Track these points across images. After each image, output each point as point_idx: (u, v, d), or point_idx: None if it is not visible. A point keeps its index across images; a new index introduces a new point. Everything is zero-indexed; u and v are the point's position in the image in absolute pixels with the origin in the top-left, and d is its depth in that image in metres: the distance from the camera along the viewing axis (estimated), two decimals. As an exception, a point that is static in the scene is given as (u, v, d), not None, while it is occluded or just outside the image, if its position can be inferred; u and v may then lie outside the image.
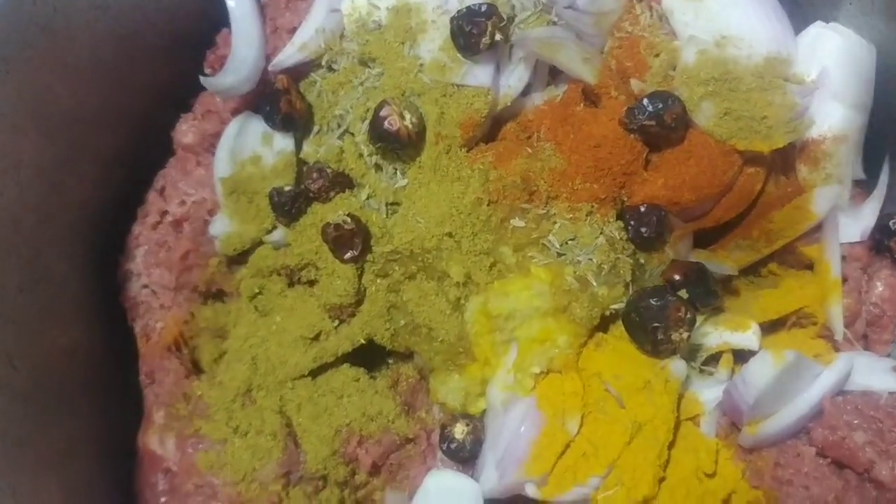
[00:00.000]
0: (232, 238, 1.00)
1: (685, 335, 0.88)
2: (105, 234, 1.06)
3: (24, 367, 0.91)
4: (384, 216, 0.96)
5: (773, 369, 0.88)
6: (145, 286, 1.04)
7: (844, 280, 1.01)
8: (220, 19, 1.05)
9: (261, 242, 1.01)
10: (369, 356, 0.99)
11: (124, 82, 1.05)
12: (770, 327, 1.01)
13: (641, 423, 0.87)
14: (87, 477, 0.97)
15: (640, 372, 0.88)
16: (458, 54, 0.95)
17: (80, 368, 1.00)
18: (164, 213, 1.04)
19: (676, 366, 0.90)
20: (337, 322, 0.97)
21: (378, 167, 0.98)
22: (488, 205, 0.92)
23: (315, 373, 0.96)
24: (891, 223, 1.01)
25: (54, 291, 0.99)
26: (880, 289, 1.03)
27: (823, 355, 0.98)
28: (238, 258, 1.02)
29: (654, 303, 0.87)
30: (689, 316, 0.88)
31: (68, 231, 1.01)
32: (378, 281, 0.96)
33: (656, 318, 0.87)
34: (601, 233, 0.92)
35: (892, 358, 1.02)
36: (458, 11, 0.93)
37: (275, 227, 1.00)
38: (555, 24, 0.99)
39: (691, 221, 0.98)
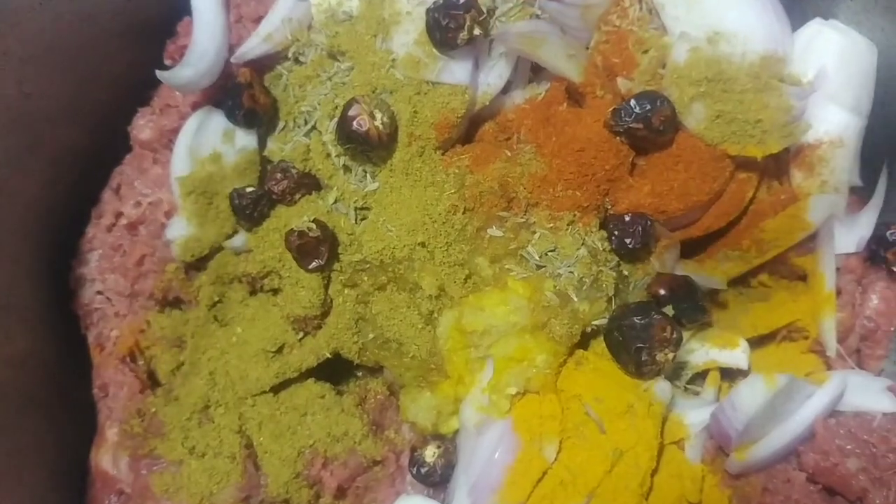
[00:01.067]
0: (190, 243, 0.94)
1: (670, 356, 0.83)
2: (57, 236, 1.00)
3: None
4: (353, 222, 0.91)
5: (764, 394, 0.83)
6: (99, 292, 0.98)
7: (838, 293, 0.97)
8: (182, 6, 0.98)
9: (221, 248, 0.95)
10: (336, 370, 0.94)
11: (77, 72, 0.98)
12: (759, 341, 0.97)
13: (623, 450, 0.82)
14: (36, 496, 0.91)
15: (622, 394, 0.84)
16: (434, 49, 0.88)
17: (29, 380, 0.94)
18: (119, 214, 0.98)
19: (661, 387, 0.85)
20: (301, 334, 0.92)
21: (347, 169, 0.92)
22: (464, 212, 0.87)
23: (277, 388, 0.91)
24: (888, 233, 0.96)
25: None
26: (875, 302, 0.99)
27: (815, 373, 0.94)
28: (197, 264, 0.96)
29: (637, 321, 0.82)
30: (675, 335, 0.83)
31: (14, 233, 0.94)
32: (346, 291, 0.90)
33: (640, 338, 0.82)
34: (583, 243, 0.87)
35: (886, 375, 0.98)
36: (435, 3, 0.86)
37: (236, 232, 0.95)
38: (538, 17, 0.93)
39: (679, 231, 0.93)
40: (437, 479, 0.88)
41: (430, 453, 0.87)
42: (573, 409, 0.84)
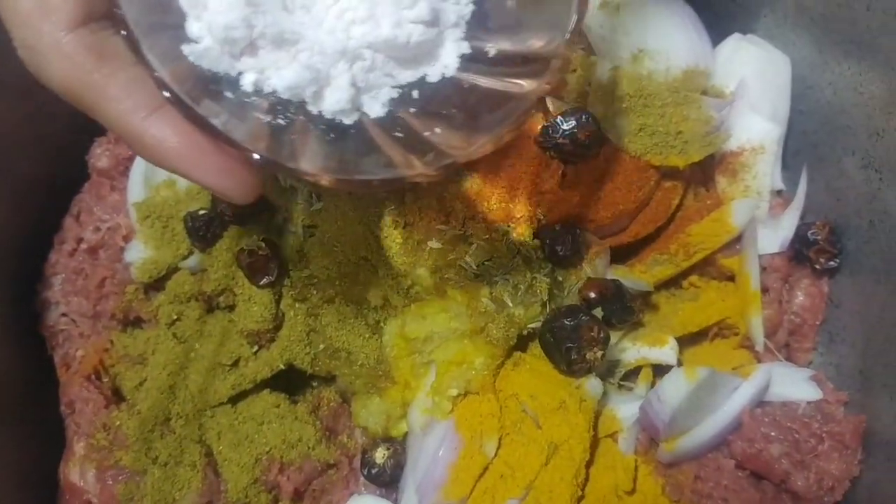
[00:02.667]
0: (147, 264, 0.99)
1: (599, 354, 0.88)
2: (23, 261, 1.04)
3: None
4: (301, 239, 0.95)
5: (686, 386, 0.88)
6: (64, 314, 1.02)
7: (765, 291, 1.02)
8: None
9: (177, 268, 1.00)
10: (291, 381, 0.99)
11: (35, 105, 1.02)
12: (693, 339, 1.02)
13: (558, 444, 0.87)
14: (9, 509, 0.96)
15: (555, 392, 0.88)
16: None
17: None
18: (80, 239, 1.03)
19: (592, 384, 0.90)
20: (256, 348, 0.96)
21: (294, 190, 0.96)
22: (405, 227, 0.92)
23: (235, 399, 0.95)
24: (809, 233, 1.01)
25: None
26: (801, 298, 1.04)
27: (745, 366, 0.98)
28: (155, 284, 1.01)
29: (567, 323, 0.87)
30: (602, 335, 0.88)
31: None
32: (296, 305, 0.95)
33: (570, 339, 0.87)
34: (517, 253, 0.92)
35: (814, 367, 1.04)
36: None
37: (191, 253, 0.99)
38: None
39: (608, 238, 0.98)
40: (388, 479, 0.92)
41: (380, 455, 0.92)
42: (511, 408, 0.89)
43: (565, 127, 0.92)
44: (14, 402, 1.01)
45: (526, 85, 0.71)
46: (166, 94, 0.57)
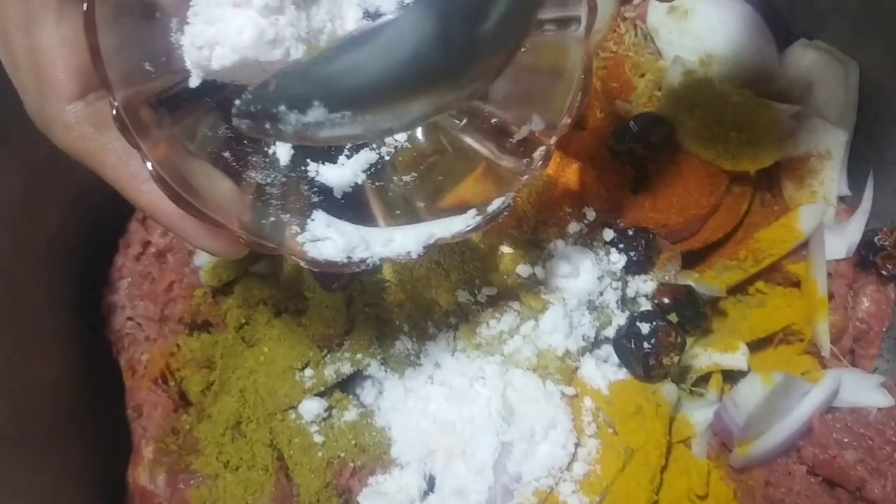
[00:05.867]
0: (216, 269, 0.99)
1: (676, 359, 0.88)
2: (88, 265, 1.04)
3: (3, 405, 0.89)
4: (373, 244, 0.95)
5: (762, 391, 0.88)
6: (130, 318, 1.02)
7: (831, 297, 1.01)
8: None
9: (246, 272, 1.00)
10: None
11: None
12: (758, 345, 1.01)
13: (634, 449, 0.87)
14: (81, 512, 0.96)
15: (631, 397, 0.88)
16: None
17: (65, 404, 0.99)
18: (147, 243, 1.03)
19: (668, 390, 0.90)
20: (325, 352, 0.96)
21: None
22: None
23: (305, 403, 0.95)
24: (875, 239, 1.01)
25: (35, 324, 0.97)
26: (866, 304, 1.04)
27: (811, 372, 0.98)
28: (223, 289, 1.01)
29: (644, 328, 0.87)
30: (679, 340, 0.88)
31: (46, 262, 1.00)
32: (366, 310, 0.95)
33: (647, 344, 0.87)
34: (589, 257, 0.92)
35: (880, 373, 1.03)
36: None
37: (261, 257, 0.99)
38: (538, 45, 0.98)
39: (679, 243, 0.98)
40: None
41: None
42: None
43: (637, 131, 0.93)
44: (80, 407, 1.01)
45: (507, 162, 0.73)
46: (149, 167, 0.61)
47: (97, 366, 1.03)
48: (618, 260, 0.93)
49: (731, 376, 0.97)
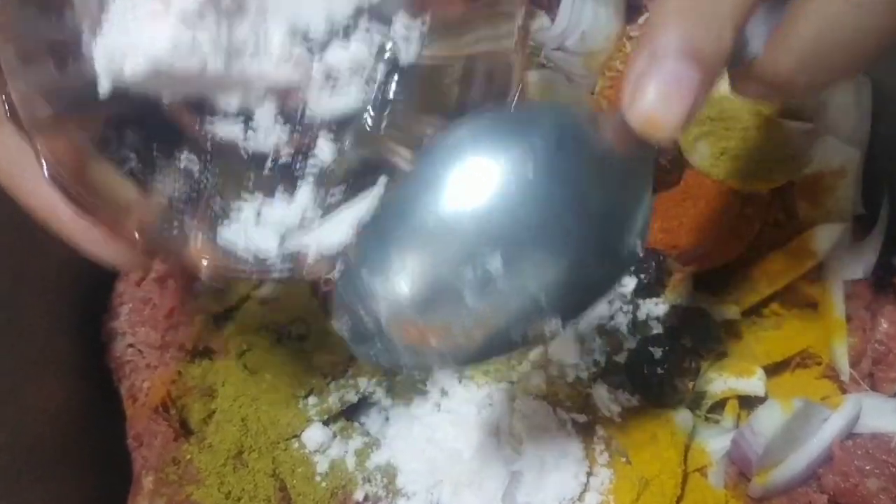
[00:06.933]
0: (218, 294, 0.97)
1: (690, 384, 0.86)
2: (88, 291, 1.03)
3: (2, 431, 0.87)
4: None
5: (782, 418, 0.86)
6: (131, 345, 1.00)
7: (848, 319, 0.99)
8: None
9: (248, 297, 0.98)
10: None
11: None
12: (774, 369, 0.99)
13: (648, 479, 0.84)
14: (77, 545, 0.93)
15: (645, 425, 0.86)
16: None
17: (64, 432, 0.97)
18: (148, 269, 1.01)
19: (682, 417, 0.87)
20: (330, 379, 0.94)
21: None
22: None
23: (308, 432, 0.93)
24: (893, 259, 0.99)
25: (36, 350, 0.96)
26: (885, 326, 1.01)
27: (830, 397, 0.95)
28: (225, 314, 0.99)
29: (656, 353, 0.85)
30: (693, 365, 0.86)
31: (50, 289, 0.99)
32: (372, 335, 0.93)
33: (659, 368, 0.85)
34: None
35: (900, 397, 1.00)
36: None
37: (262, 282, 0.97)
38: (543, 66, 0.97)
39: (691, 264, 0.96)
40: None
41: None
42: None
43: (646, 151, 0.91)
44: (79, 435, 0.99)
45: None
46: (45, 166, 0.56)
47: (97, 395, 1.02)
48: (628, 283, 0.91)
49: (748, 402, 0.94)
